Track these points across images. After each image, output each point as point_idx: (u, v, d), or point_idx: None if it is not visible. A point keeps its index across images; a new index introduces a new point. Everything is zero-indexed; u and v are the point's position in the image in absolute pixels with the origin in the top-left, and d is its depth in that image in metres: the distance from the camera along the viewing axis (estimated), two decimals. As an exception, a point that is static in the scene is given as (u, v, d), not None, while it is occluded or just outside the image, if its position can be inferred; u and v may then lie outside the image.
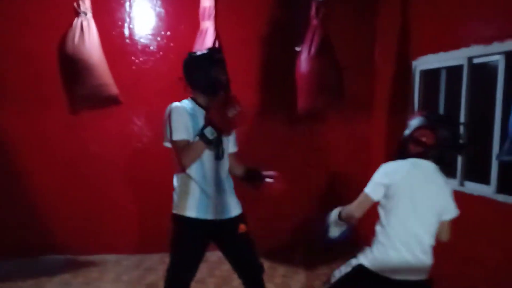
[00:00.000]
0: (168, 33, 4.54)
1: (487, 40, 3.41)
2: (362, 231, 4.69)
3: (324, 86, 4.09)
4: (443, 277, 2.78)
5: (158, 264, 4.27)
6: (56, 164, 4.41)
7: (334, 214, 2.40)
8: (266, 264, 4.34)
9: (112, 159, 4.50)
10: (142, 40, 4.50)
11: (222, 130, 2.36)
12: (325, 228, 2.42)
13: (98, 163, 4.48)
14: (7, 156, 4.31)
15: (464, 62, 3.72)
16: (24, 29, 4.23)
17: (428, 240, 2.21)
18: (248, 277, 2.61)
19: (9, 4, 4.19)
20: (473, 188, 3.61)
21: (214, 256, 3.80)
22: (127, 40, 4.47)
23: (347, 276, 2.30)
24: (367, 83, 4.97)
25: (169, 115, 2.41)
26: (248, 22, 4.66)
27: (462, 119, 3.71)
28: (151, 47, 4.52)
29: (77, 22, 4.00)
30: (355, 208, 2.29)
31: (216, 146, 2.45)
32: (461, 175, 3.75)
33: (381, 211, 2.28)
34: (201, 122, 2.43)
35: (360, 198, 2.28)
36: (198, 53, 2.55)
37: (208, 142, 2.34)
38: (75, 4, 4.05)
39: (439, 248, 2.26)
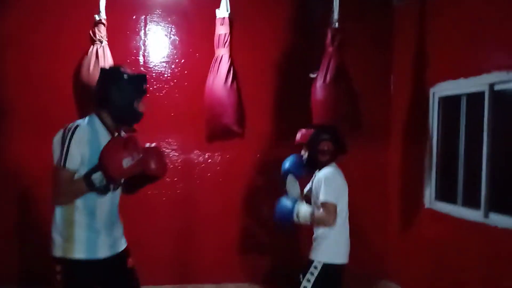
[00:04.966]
0: (183, 60, 4.55)
1: (509, 66, 3.31)
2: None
3: (339, 114, 4.00)
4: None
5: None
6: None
7: (304, 214, 2.85)
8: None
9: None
10: (156, 68, 4.52)
11: (113, 180, 2.14)
12: (286, 217, 2.88)
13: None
14: (20, 181, 4.31)
15: (485, 89, 3.60)
16: (40, 57, 4.30)
17: None
18: None
19: (25, 32, 4.27)
20: (498, 220, 3.43)
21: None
22: (142, 68, 4.49)
23: (317, 280, 2.76)
24: (384, 110, 4.88)
25: (68, 139, 2.16)
26: (263, 49, 4.66)
27: (484, 146, 3.58)
28: (166, 75, 4.53)
29: (92, 49, 4.02)
30: (330, 219, 2.81)
31: (102, 192, 2.19)
32: (485, 206, 3.58)
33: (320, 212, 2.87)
34: (103, 144, 2.17)
35: (331, 208, 2.81)
36: (127, 73, 2.29)
37: (92, 189, 2.12)
38: (90, 32, 4.09)
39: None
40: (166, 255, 4.49)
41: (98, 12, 4.06)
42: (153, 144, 2.43)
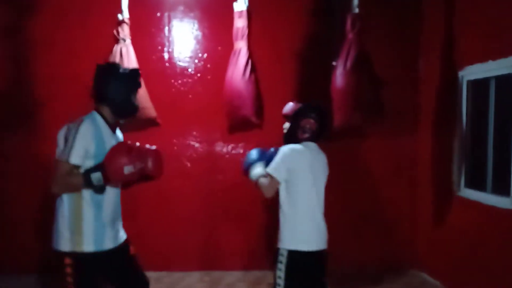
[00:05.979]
0: (205, 55, 4.62)
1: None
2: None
3: (360, 101, 3.93)
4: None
5: (197, 281, 4.34)
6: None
7: (254, 174, 2.70)
8: None
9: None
10: (180, 63, 4.62)
11: (111, 183, 2.26)
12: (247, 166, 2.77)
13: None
14: (48, 176, 4.45)
15: (515, 71, 3.45)
16: (69, 57, 4.47)
17: (322, 208, 2.74)
18: None
19: (55, 34, 4.47)
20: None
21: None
22: (167, 64, 4.61)
23: (287, 268, 2.55)
24: (412, 96, 4.72)
25: (73, 133, 2.26)
26: (281, 39, 4.62)
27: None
28: (189, 70, 4.62)
29: (116, 48, 4.17)
30: (268, 190, 2.62)
31: (98, 191, 2.29)
32: (515, 193, 3.43)
33: (283, 193, 2.65)
34: (107, 140, 2.35)
35: (271, 181, 2.60)
36: (123, 69, 2.44)
37: (89, 186, 2.23)
38: (114, 31, 4.25)
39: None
40: (193, 243, 4.62)
41: (121, 12, 4.21)
42: (154, 147, 2.55)
